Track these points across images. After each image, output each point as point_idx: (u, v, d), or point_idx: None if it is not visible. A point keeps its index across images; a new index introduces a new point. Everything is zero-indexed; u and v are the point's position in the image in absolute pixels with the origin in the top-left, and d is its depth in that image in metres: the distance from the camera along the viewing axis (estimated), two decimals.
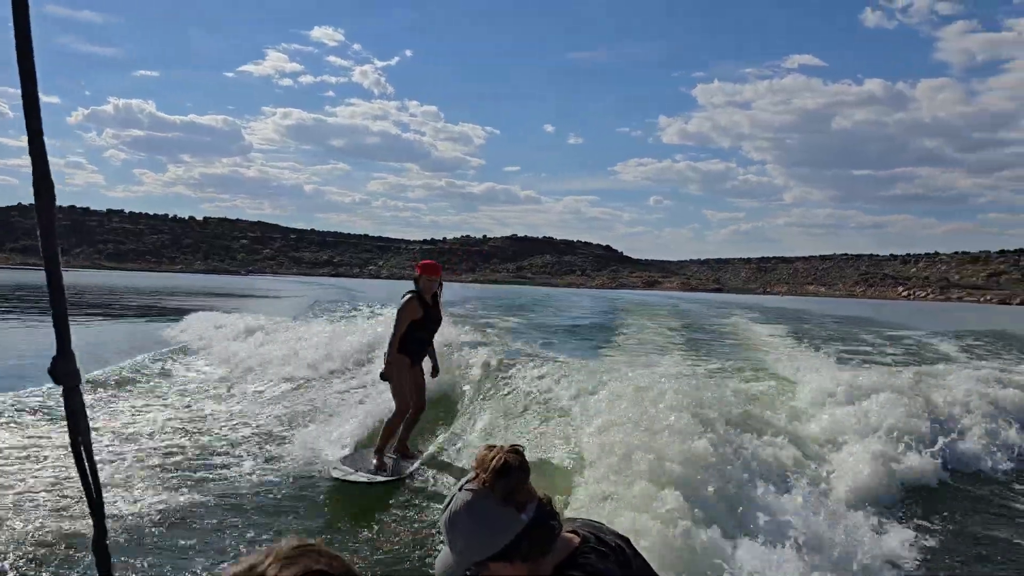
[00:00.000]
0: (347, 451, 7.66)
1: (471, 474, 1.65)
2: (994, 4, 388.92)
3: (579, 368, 9.14)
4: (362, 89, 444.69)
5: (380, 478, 6.84)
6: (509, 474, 1.59)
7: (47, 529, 5.41)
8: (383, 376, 7.22)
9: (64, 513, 5.74)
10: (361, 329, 13.68)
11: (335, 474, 6.82)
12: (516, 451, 1.64)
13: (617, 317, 31.84)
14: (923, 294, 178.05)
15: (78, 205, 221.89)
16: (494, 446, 1.67)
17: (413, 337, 7.27)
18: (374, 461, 7.14)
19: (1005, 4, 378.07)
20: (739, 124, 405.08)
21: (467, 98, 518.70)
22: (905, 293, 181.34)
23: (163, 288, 64.95)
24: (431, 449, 7.66)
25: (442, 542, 1.73)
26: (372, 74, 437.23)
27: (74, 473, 0.90)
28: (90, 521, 0.93)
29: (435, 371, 7.85)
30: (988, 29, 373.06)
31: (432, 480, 6.95)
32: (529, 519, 1.58)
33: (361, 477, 6.83)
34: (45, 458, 7.26)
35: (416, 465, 7.22)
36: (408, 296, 7.27)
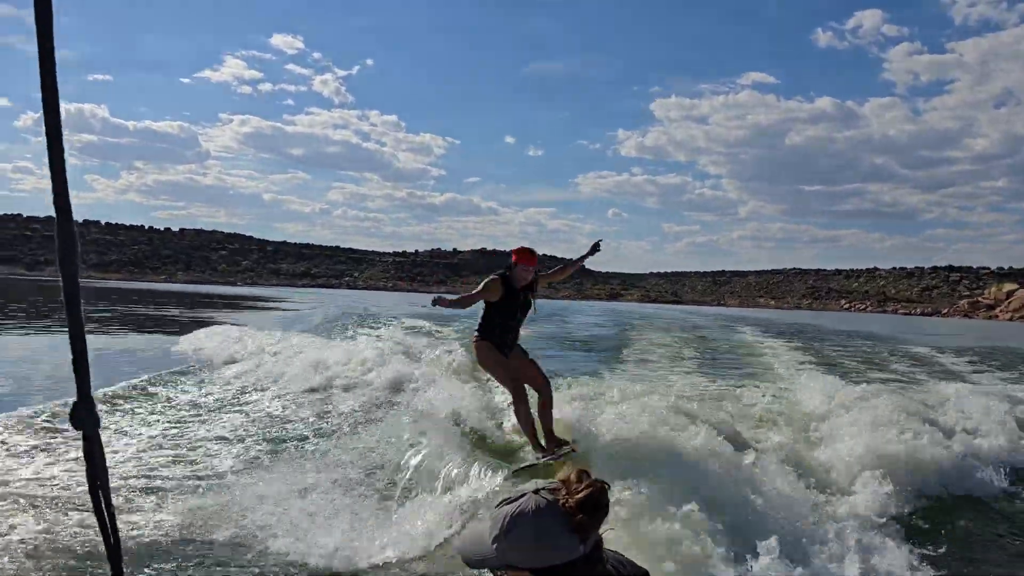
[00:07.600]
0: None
1: (554, 483, 1.59)
2: (937, 27, 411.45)
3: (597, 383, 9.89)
4: (322, 98, 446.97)
5: (551, 457, 6.80)
6: (593, 509, 1.52)
7: (63, 566, 5.11)
8: (434, 302, 6.72)
9: (80, 550, 5.38)
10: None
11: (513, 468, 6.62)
12: (605, 489, 1.57)
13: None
14: (863, 307, 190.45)
15: (24, 212, 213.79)
16: (588, 473, 1.60)
17: (493, 319, 6.99)
18: (537, 456, 6.96)
19: (948, 27, 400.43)
20: (695, 138, 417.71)
21: (427, 108, 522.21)
22: (847, 306, 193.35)
23: (171, 294, 66.31)
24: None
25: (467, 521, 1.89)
26: (332, 83, 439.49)
27: (90, 507, 0.91)
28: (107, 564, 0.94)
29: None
30: (932, 51, 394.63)
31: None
32: (585, 553, 1.53)
33: (536, 460, 6.83)
34: (57, 486, 6.84)
35: (568, 449, 6.90)
36: (496, 276, 6.92)
